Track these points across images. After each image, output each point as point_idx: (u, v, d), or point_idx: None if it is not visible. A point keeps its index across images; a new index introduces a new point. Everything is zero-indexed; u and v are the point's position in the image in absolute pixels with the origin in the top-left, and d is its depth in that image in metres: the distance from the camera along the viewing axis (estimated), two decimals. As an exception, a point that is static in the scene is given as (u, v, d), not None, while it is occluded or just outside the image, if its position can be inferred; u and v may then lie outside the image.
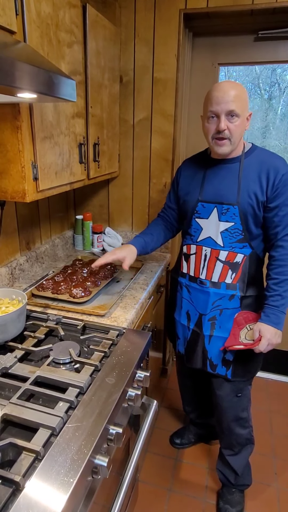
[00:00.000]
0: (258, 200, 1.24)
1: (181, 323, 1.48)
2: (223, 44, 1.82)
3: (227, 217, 1.29)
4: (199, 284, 1.39)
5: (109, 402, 0.84)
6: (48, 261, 1.79)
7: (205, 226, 1.35)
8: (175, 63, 1.73)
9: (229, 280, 1.33)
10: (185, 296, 1.45)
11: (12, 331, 1.07)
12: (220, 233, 1.31)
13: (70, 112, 1.31)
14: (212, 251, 1.34)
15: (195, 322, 1.42)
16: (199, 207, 1.35)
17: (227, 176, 1.29)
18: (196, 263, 1.39)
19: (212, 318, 1.37)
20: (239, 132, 1.22)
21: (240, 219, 1.27)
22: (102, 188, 2.05)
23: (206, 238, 1.35)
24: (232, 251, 1.31)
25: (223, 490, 1.57)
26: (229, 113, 1.19)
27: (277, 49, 1.76)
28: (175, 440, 1.83)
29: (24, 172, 1.10)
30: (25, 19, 0.98)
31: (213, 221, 1.32)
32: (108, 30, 1.55)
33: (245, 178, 1.26)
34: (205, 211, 1.34)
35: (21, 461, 0.70)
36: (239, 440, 1.48)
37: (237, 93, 1.17)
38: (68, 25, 1.22)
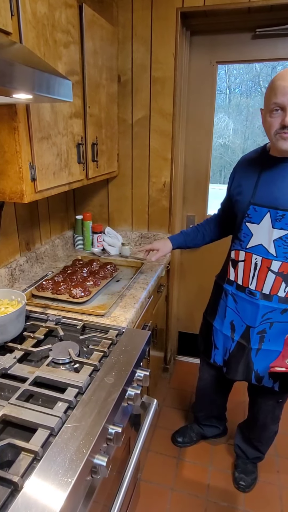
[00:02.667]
0: None
1: (222, 333, 1.39)
2: (221, 42, 1.82)
3: (282, 224, 1.15)
4: (248, 295, 1.28)
5: (108, 402, 0.84)
6: (48, 262, 1.79)
7: (256, 232, 1.22)
8: (173, 62, 1.73)
9: (283, 294, 1.22)
10: (230, 305, 1.35)
11: (12, 332, 1.07)
12: (273, 242, 1.18)
13: (67, 112, 1.31)
14: (264, 260, 1.22)
15: (241, 334, 1.33)
16: (250, 210, 1.22)
17: (286, 177, 1.14)
18: (245, 271, 1.28)
19: (261, 332, 1.28)
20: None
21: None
22: (102, 188, 2.05)
23: (256, 245, 1.23)
24: (287, 262, 1.18)
25: (238, 461, 1.69)
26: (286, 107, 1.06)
27: (275, 46, 1.75)
28: (177, 438, 1.83)
29: (22, 172, 1.10)
30: (20, 19, 0.98)
31: (265, 227, 1.19)
32: (105, 29, 1.55)
33: None
34: (257, 215, 1.21)
35: (19, 461, 0.70)
36: (269, 434, 1.57)
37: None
38: (65, 25, 1.21)
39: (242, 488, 1.59)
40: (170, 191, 1.93)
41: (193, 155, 2.04)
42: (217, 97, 1.96)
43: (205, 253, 2.17)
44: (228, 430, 1.88)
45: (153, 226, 2.02)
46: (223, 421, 1.82)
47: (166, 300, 2.09)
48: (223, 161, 2.45)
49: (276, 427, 1.56)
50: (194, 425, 1.84)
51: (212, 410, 1.74)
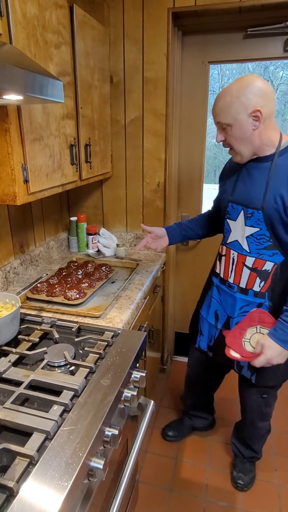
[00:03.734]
0: (285, 205, 1.10)
1: (207, 321, 1.46)
2: (212, 42, 1.82)
3: (252, 221, 1.19)
4: (228, 287, 1.34)
5: (104, 404, 0.84)
6: (43, 264, 1.78)
7: (234, 228, 1.27)
8: (165, 62, 1.73)
9: (257, 288, 1.25)
10: (215, 296, 1.42)
11: (6, 335, 1.07)
12: (246, 238, 1.23)
13: (59, 113, 1.30)
14: (239, 256, 1.27)
15: (223, 323, 1.39)
16: (229, 207, 1.28)
17: (258, 177, 1.17)
18: (225, 265, 1.34)
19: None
20: (239, 140, 1.13)
21: (265, 225, 1.16)
22: (96, 189, 2.04)
23: (233, 241, 1.28)
24: (259, 258, 1.21)
25: (235, 460, 1.68)
26: (219, 125, 1.15)
27: (266, 46, 1.76)
28: (167, 433, 1.84)
29: (14, 174, 1.09)
30: (10, 20, 0.97)
31: (240, 224, 1.24)
32: (96, 30, 1.55)
33: (275, 179, 1.12)
34: (234, 212, 1.26)
35: (15, 466, 0.69)
36: (260, 432, 1.57)
37: (223, 102, 1.10)
38: (55, 26, 1.21)
39: (240, 487, 1.59)
40: (164, 192, 1.93)
41: (186, 155, 2.04)
42: (210, 97, 1.96)
43: (201, 253, 2.17)
44: (218, 425, 1.90)
45: (148, 227, 2.02)
46: (211, 413, 1.85)
47: (162, 300, 2.09)
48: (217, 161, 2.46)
49: (266, 425, 1.55)
50: (184, 418, 1.86)
51: (200, 398, 1.76)
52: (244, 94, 1.07)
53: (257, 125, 1.10)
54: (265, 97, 1.08)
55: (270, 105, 1.10)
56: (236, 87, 1.09)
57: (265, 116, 1.09)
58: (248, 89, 1.07)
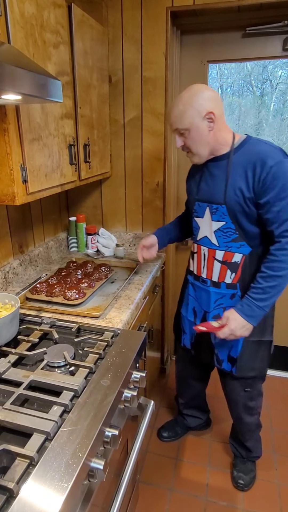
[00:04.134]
0: (244, 196, 1.19)
1: (188, 319, 1.50)
2: (211, 41, 1.82)
3: (218, 216, 1.27)
4: (201, 283, 1.40)
5: (104, 404, 0.84)
6: (42, 264, 1.77)
7: (202, 225, 1.35)
8: (163, 61, 1.73)
9: (229, 280, 1.31)
10: (191, 293, 1.47)
11: (6, 336, 1.06)
12: (214, 233, 1.30)
13: (58, 113, 1.30)
14: (209, 251, 1.34)
15: (201, 318, 1.44)
16: (196, 206, 1.35)
17: (218, 174, 1.26)
18: (197, 261, 1.40)
19: (215, 316, 1.38)
20: (198, 142, 1.21)
21: (230, 218, 1.24)
22: (95, 189, 2.04)
23: (203, 237, 1.35)
24: (228, 251, 1.28)
25: (236, 460, 1.68)
26: (177, 131, 1.23)
27: (265, 45, 1.76)
28: (162, 433, 1.85)
29: (13, 175, 1.09)
30: (8, 20, 0.96)
31: (207, 220, 1.31)
32: (95, 29, 1.55)
33: (233, 175, 1.21)
34: (201, 210, 1.34)
35: (15, 467, 0.69)
36: (249, 427, 1.56)
37: (178, 109, 1.19)
38: (54, 25, 1.21)
39: (241, 487, 1.59)
40: (163, 191, 1.93)
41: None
42: (209, 97, 1.96)
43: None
44: (217, 425, 1.91)
45: (147, 227, 2.02)
46: (205, 412, 1.85)
47: (162, 300, 2.09)
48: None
49: (254, 420, 1.55)
50: (178, 418, 1.87)
51: (192, 397, 1.77)
52: (196, 100, 1.17)
53: (212, 126, 1.20)
54: (215, 101, 1.19)
55: (220, 108, 1.21)
56: (187, 95, 1.19)
57: (217, 117, 1.19)
58: (198, 95, 1.18)
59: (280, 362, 2.32)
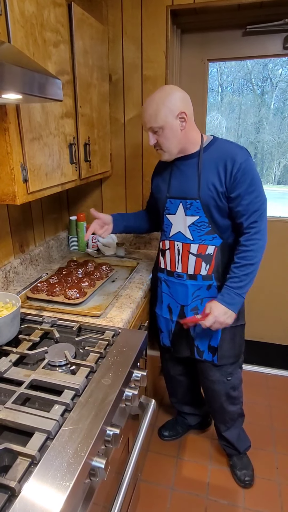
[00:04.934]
0: (218, 191, 1.26)
1: (163, 317, 1.53)
2: (211, 39, 1.81)
3: (192, 211, 1.32)
4: (177, 278, 1.43)
5: (105, 403, 0.84)
6: (43, 263, 1.78)
7: (174, 221, 1.39)
8: (164, 60, 1.72)
9: (204, 272, 1.37)
10: (164, 290, 1.49)
11: (7, 335, 1.06)
12: (188, 227, 1.35)
13: (58, 112, 1.30)
14: (184, 245, 1.38)
15: (178, 313, 1.47)
16: (168, 204, 1.39)
17: (189, 172, 1.32)
18: (171, 257, 1.44)
19: (194, 308, 1.42)
20: (171, 140, 1.26)
21: (204, 212, 1.30)
22: (95, 188, 2.04)
23: (176, 233, 1.39)
24: (202, 244, 1.34)
25: (232, 460, 1.69)
26: (151, 130, 1.27)
27: (265, 43, 1.75)
28: (163, 432, 1.86)
29: (13, 174, 1.08)
30: (8, 19, 0.96)
31: (180, 216, 1.36)
32: (95, 28, 1.54)
33: (204, 172, 1.28)
34: (173, 206, 1.38)
35: (16, 466, 0.69)
36: (231, 416, 1.58)
37: (152, 109, 1.23)
38: (54, 24, 1.20)
39: (249, 482, 1.60)
40: (164, 190, 1.92)
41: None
42: (209, 95, 1.96)
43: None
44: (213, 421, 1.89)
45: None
46: (201, 407, 1.84)
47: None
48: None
49: (236, 408, 1.57)
50: (178, 417, 1.88)
51: (183, 394, 1.78)
52: (169, 100, 1.22)
53: (183, 126, 1.25)
54: (186, 101, 1.25)
55: (190, 108, 1.27)
56: (160, 95, 1.23)
57: (189, 117, 1.25)
58: (171, 96, 1.22)
59: (281, 361, 2.33)
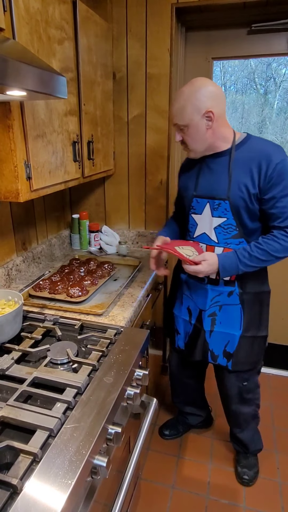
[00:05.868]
0: (249, 192, 1.20)
1: (182, 318, 1.49)
2: (216, 38, 1.81)
3: (219, 212, 1.27)
4: (197, 281, 1.39)
5: (107, 402, 0.84)
6: (45, 261, 1.77)
7: (200, 222, 1.34)
8: (168, 58, 1.72)
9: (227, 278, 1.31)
10: (185, 292, 1.46)
11: (9, 333, 1.06)
12: (214, 229, 1.30)
13: (62, 110, 1.29)
14: (208, 248, 1.33)
15: (196, 317, 1.43)
16: (194, 203, 1.34)
17: (219, 170, 1.26)
18: None
19: (212, 314, 1.38)
20: (196, 139, 1.21)
21: (232, 214, 1.24)
22: (98, 186, 2.04)
23: (201, 234, 1.34)
24: (227, 247, 1.29)
25: (238, 456, 1.68)
26: (177, 126, 1.23)
27: (270, 42, 1.74)
28: (164, 431, 1.86)
29: (17, 171, 1.08)
30: (13, 15, 0.96)
31: (206, 216, 1.31)
32: (99, 26, 1.54)
33: (236, 171, 1.21)
34: (199, 206, 1.33)
35: (18, 463, 0.69)
36: (246, 418, 1.55)
37: (179, 105, 1.18)
38: (58, 21, 1.20)
39: (246, 482, 1.60)
40: (166, 189, 1.92)
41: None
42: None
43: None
44: (219, 423, 1.91)
45: (150, 224, 2.01)
46: (204, 409, 1.84)
47: (165, 298, 2.09)
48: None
49: (251, 410, 1.54)
50: (179, 416, 1.87)
51: (187, 395, 1.77)
52: (196, 97, 1.16)
53: (210, 125, 1.19)
54: (216, 98, 1.17)
55: (221, 105, 1.19)
56: (188, 91, 1.17)
57: (217, 115, 1.18)
58: (199, 92, 1.16)
59: (282, 362, 2.32)
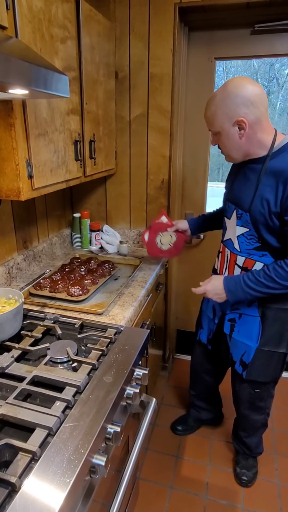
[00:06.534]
0: (270, 210, 1.11)
1: (207, 315, 1.54)
2: (219, 38, 1.80)
3: (242, 222, 1.22)
4: None
5: (107, 401, 0.84)
6: (46, 260, 1.78)
7: (228, 226, 1.31)
8: (171, 58, 1.71)
9: None
10: None
11: (9, 331, 1.06)
12: (237, 237, 1.26)
13: (64, 109, 1.29)
14: (231, 255, 1.31)
15: (219, 318, 1.47)
16: (226, 206, 1.31)
17: (251, 179, 1.18)
18: (221, 261, 1.40)
19: (231, 320, 1.38)
20: (228, 147, 1.17)
21: (253, 226, 1.18)
22: (99, 186, 2.03)
23: (228, 239, 1.32)
24: (249, 258, 1.24)
25: (238, 457, 1.68)
26: (211, 132, 1.21)
27: (273, 42, 1.74)
28: (177, 427, 1.87)
29: (18, 170, 1.08)
30: (16, 14, 0.96)
31: (232, 223, 1.27)
32: (102, 25, 1.54)
33: (263, 184, 1.12)
34: (229, 211, 1.29)
35: (17, 461, 0.69)
36: (254, 424, 1.56)
37: (211, 110, 1.14)
38: (61, 20, 1.20)
39: (245, 483, 1.60)
40: (168, 189, 1.92)
41: (191, 152, 2.03)
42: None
43: (204, 251, 2.16)
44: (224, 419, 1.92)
45: (151, 224, 2.01)
46: (215, 406, 1.85)
47: (165, 298, 2.09)
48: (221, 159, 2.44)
49: (261, 419, 1.54)
50: (191, 411, 1.88)
51: (203, 391, 1.78)
52: (227, 104, 1.08)
53: (242, 133, 1.12)
54: (249, 104, 1.07)
55: (256, 110, 1.08)
56: (222, 95, 1.10)
57: (251, 122, 1.09)
58: (231, 98, 1.07)
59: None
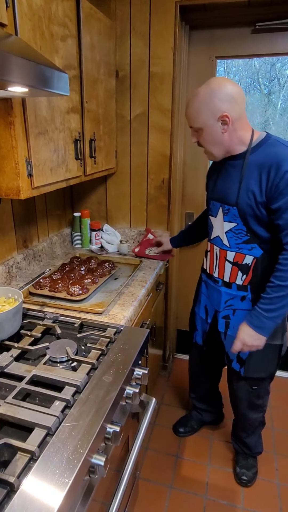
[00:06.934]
0: (256, 200, 1.15)
1: (200, 316, 1.53)
2: (220, 37, 1.80)
3: (229, 217, 1.24)
4: (213, 282, 1.41)
5: (106, 401, 0.83)
6: (46, 259, 1.77)
7: (215, 224, 1.34)
8: (171, 57, 1.71)
9: (240, 282, 1.30)
10: (203, 291, 1.50)
11: (8, 330, 1.06)
12: (225, 233, 1.28)
13: (64, 107, 1.29)
14: (221, 251, 1.33)
15: (212, 317, 1.47)
16: (211, 205, 1.34)
17: (232, 174, 1.22)
18: (210, 260, 1.41)
19: (226, 317, 1.38)
20: (210, 142, 1.19)
21: (241, 220, 1.21)
22: (100, 185, 2.03)
23: (215, 237, 1.34)
24: (239, 252, 1.26)
25: (238, 457, 1.68)
26: (192, 129, 1.22)
27: (274, 41, 1.73)
28: (179, 429, 1.86)
29: (18, 168, 1.08)
30: (16, 11, 0.95)
31: (219, 220, 1.29)
32: (103, 23, 1.53)
33: (247, 177, 1.16)
34: (214, 209, 1.32)
35: (16, 461, 0.69)
36: (252, 423, 1.56)
37: (193, 107, 1.16)
38: (61, 18, 1.19)
39: (245, 482, 1.59)
40: (168, 188, 1.92)
41: (191, 152, 2.03)
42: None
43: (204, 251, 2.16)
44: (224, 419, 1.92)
45: (152, 224, 2.01)
46: (216, 407, 1.86)
47: (165, 298, 2.08)
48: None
49: (259, 417, 1.55)
50: (193, 412, 1.88)
51: (203, 392, 1.79)
52: (211, 100, 1.12)
53: (225, 128, 1.16)
54: (232, 101, 1.12)
55: (238, 107, 1.14)
56: (204, 92, 1.14)
57: (234, 119, 1.14)
58: (215, 94, 1.12)
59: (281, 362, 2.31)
